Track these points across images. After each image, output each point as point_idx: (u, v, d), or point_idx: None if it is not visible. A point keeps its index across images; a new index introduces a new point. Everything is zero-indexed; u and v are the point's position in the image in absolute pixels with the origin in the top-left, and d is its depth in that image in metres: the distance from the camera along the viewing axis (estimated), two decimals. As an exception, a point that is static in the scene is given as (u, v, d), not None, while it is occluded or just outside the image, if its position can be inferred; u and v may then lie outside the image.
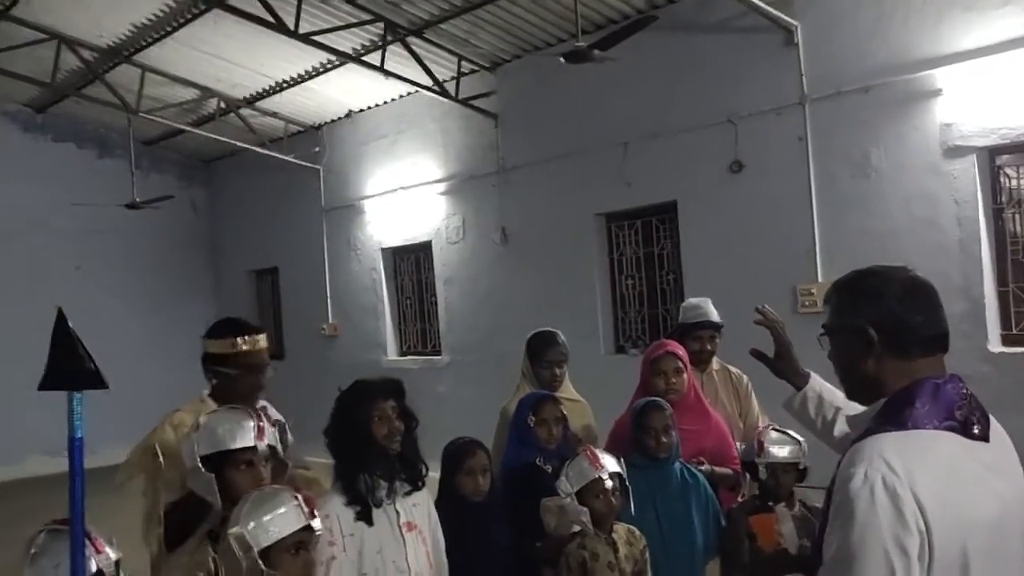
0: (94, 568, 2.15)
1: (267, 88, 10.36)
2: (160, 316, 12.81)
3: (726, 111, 7.19)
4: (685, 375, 3.65)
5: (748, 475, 3.35)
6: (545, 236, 8.78)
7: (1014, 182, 5.89)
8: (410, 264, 10.65)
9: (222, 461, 2.47)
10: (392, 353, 10.79)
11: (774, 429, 3.27)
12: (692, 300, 4.30)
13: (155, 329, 12.63)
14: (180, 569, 2.46)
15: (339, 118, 11.19)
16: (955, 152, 5.95)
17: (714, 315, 4.12)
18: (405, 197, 10.31)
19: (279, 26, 7.79)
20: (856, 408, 1.78)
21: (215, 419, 2.53)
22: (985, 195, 5.92)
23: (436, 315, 10.13)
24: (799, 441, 3.19)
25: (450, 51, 8.84)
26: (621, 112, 8.03)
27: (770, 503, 3.16)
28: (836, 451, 2.15)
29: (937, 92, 6.01)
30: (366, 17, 8.17)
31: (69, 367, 1.94)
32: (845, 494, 1.47)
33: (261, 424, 2.54)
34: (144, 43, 9.34)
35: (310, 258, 11.67)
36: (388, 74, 8.60)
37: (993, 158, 5.92)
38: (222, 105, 10.85)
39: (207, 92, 10.64)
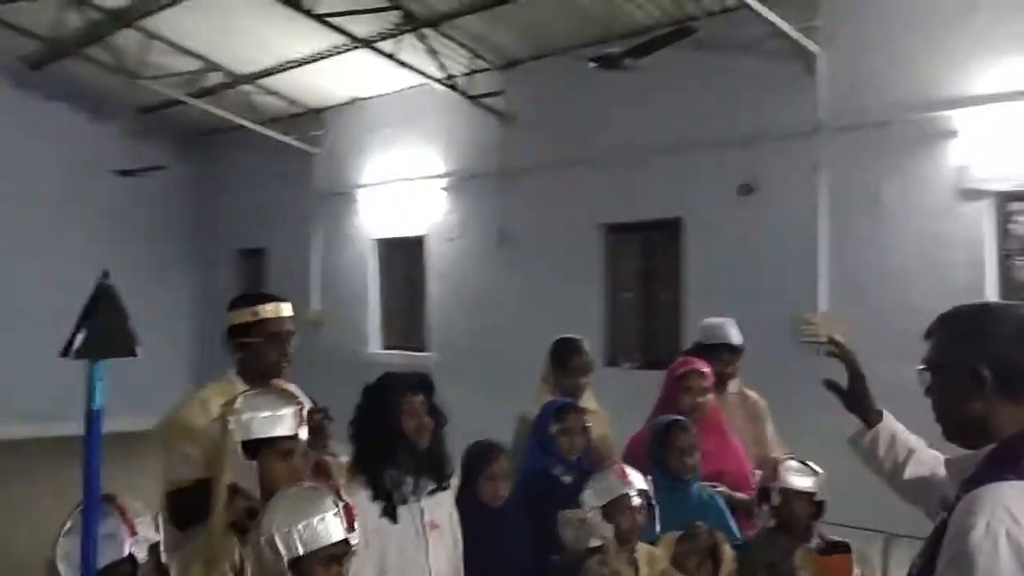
0: (125, 551, 2.03)
1: (273, 66, 10.18)
2: (141, 288, 12.47)
3: (740, 132, 7.17)
4: (711, 394, 3.60)
5: (761, 503, 3.29)
6: (544, 241, 8.72)
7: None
8: (401, 258, 10.54)
9: (258, 449, 2.36)
10: (376, 346, 10.66)
11: (793, 459, 3.22)
12: (713, 320, 4.23)
13: (135, 301, 12.34)
14: (197, 554, 2.35)
15: (342, 103, 11.05)
16: (968, 195, 5.98)
17: (735, 337, 4.07)
18: (402, 189, 10.20)
19: (295, 3, 7.67)
20: (941, 450, 1.72)
21: (255, 403, 2.41)
22: (994, 240, 5.96)
23: (424, 311, 10.03)
24: (818, 473, 3.15)
25: (464, 46, 8.76)
26: (631, 123, 7.99)
27: (823, 542, 3.06)
28: (901, 494, 2.09)
29: (953, 133, 6.04)
30: (384, 3, 8.07)
31: (97, 334, 1.83)
32: (964, 546, 1.40)
33: (302, 411, 2.44)
34: (153, 8, 9.14)
35: (299, 242, 11.51)
36: (401, 64, 8.50)
37: (1004, 204, 5.96)
38: (225, 79, 10.68)
39: (210, 64, 10.46)
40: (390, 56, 8.40)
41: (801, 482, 3.10)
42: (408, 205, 10.17)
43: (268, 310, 2.82)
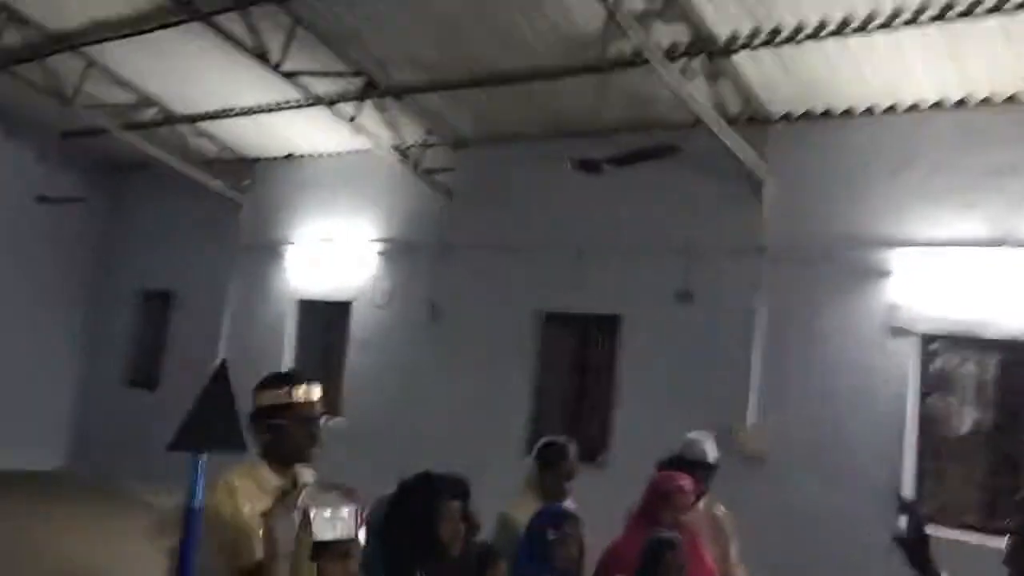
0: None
1: (215, 110, 9.96)
2: (31, 316, 11.82)
3: (683, 240, 7.43)
4: (689, 512, 3.66)
5: None
6: (477, 320, 8.73)
7: (942, 371, 6.36)
8: (322, 320, 10.30)
9: (317, 550, 2.26)
10: (284, 407, 10.26)
11: None
12: (693, 435, 4.34)
13: (18, 331, 11.65)
14: None
15: (277, 156, 10.88)
16: (896, 332, 6.37)
17: (712, 455, 4.17)
18: (332, 252, 10.04)
19: (262, 58, 7.58)
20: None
21: (317, 501, 2.32)
22: (917, 376, 6.36)
23: (341, 376, 9.79)
24: None
25: (421, 120, 8.83)
26: (578, 217, 8.18)
27: None
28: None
29: (887, 272, 6.46)
30: (348, 69, 8.08)
31: (209, 426, 1.79)
32: None
33: (360, 512, 2.36)
34: (99, 38, 8.83)
35: (213, 291, 11.10)
36: (358, 128, 8.48)
37: (928, 343, 6.39)
38: (157, 116, 10.35)
39: (146, 99, 10.15)
40: (351, 119, 8.36)
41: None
42: (336, 268, 10.01)
43: (301, 393, 2.72)
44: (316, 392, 2.80)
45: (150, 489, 10.83)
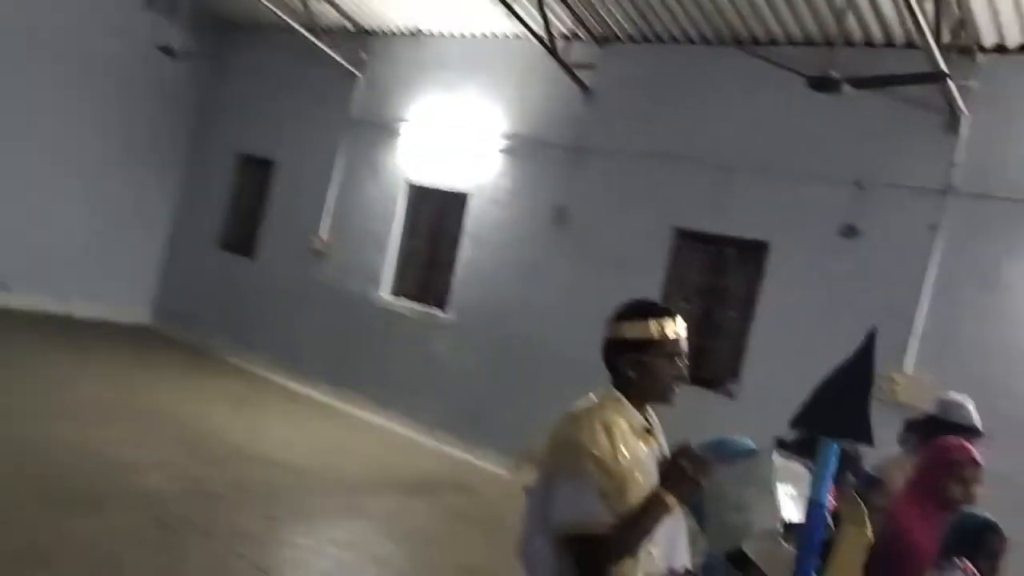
0: None
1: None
2: (124, 171, 11.64)
3: (855, 172, 6.94)
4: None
5: None
6: (605, 231, 8.33)
7: None
8: (435, 209, 9.95)
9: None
10: (386, 291, 10.07)
11: None
12: (954, 395, 3.93)
13: (115, 183, 11.52)
14: None
15: (401, 32, 10.35)
16: (1093, 293, 5.92)
17: (979, 420, 3.79)
18: (453, 139, 9.62)
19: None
20: None
21: (796, 478, 2.05)
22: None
23: (452, 268, 9.50)
24: None
25: (572, 10, 8.24)
26: (730, 133, 7.68)
27: None
28: None
29: (1089, 228, 5.96)
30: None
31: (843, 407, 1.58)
32: None
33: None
34: None
35: (318, 164, 10.76)
36: (509, 9, 7.94)
37: None
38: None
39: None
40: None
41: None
42: (456, 157, 9.61)
43: (671, 329, 2.43)
44: (684, 327, 2.48)
45: (241, 356, 10.82)
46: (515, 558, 2.50)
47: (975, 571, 2.82)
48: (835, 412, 1.98)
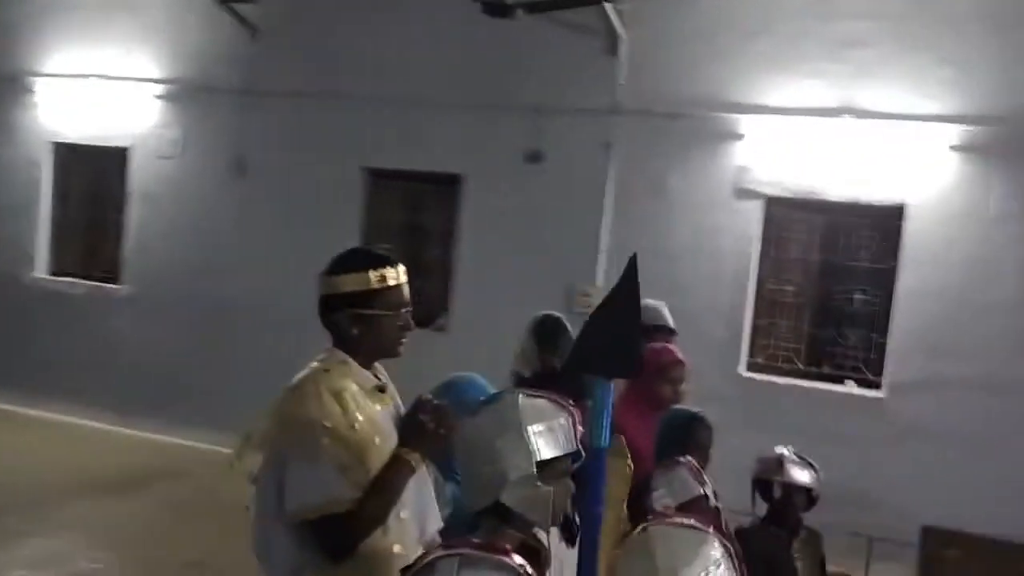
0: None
1: None
2: None
3: (533, 99, 7.13)
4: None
5: (759, 494, 3.34)
6: (292, 178, 7.88)
7: (782, 232, 6.77)
8: (89, 169, 8.78)
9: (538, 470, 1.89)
10: (42, 270, 8.78)
11: (794, 453, 3.32)
12: (649, 301, 4.15)
13: None
14: None
15: (19, -33, 8.85)
16: (744, 194, 6.66)
17: (671, 321, 4.05)
18: (101, 89, 8.48)
19: None
20: None
21: (542, 414, 1.93)
22: (759, 239, 6.71)
23: (120, 235, 8.48)
24: (816, 468, 3.28)
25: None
26: (412, 67, 7.55)
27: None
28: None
29: (739, 136, 6.67)
30: None
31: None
32: None
33: (574, 421, 1.98)
34: None
35: (-68, 130, 9.00)
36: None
37: (771, 206, 6.73)
38: None
39: None
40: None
41: (802, 477, 3.22)
42: (107, 109, 8.50)
43: (392, 276, 2.25)
44: (403, 274, 2.29)
45: None
46: (248, 549, 2.24)
47: (696, 463, 3.01)
48: (605, 349, 1.93)
